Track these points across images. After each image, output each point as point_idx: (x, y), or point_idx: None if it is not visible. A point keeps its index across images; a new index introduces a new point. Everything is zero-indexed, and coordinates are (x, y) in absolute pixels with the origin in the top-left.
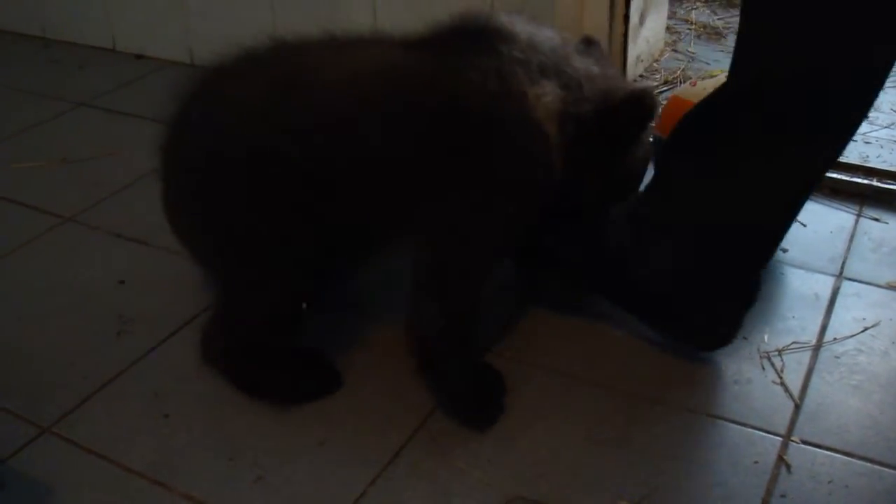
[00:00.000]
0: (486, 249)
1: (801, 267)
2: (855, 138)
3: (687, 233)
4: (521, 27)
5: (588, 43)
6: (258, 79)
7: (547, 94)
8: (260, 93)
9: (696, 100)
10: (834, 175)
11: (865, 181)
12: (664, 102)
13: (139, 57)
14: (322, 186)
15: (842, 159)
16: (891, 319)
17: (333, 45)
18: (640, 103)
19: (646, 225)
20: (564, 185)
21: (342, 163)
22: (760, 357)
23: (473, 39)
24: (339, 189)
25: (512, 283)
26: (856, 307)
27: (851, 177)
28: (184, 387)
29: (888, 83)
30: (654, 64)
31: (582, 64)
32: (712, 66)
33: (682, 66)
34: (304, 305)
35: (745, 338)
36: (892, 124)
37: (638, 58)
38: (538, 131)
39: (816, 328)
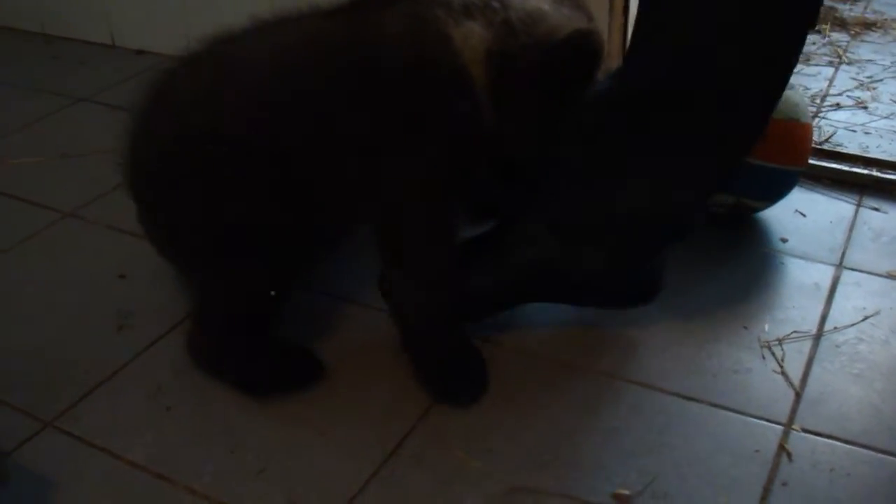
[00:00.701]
0: (434, 206)
1: (801, 257)
2: (854, 128)
3: (610, 231)
4: None
5: None
6: (196, 73)
7: (473, 35)
8: (198, 86)
9: None
10: (834, 165)
11: (865, 171)
12: None
13: (139, 52)
14: (269, 167)
15: (841, 149)
16: (891, 308)
17: (268, 27)
18: (581, 44)
19: (568, 233)
20: (506, 131)
21: (281, 139)
22: (761, 346)
23: None
24: (291, 163)
25: None
26: (856, 296)
27: (851, 167)
28: (185, 380)
29: (888, 74)
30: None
31: (526, 3)
32: None
33: None
34: (273, 293)
35: (745, 327)
36: (892, 114)
37: None
38: (462, 75)
39: (817, 317)
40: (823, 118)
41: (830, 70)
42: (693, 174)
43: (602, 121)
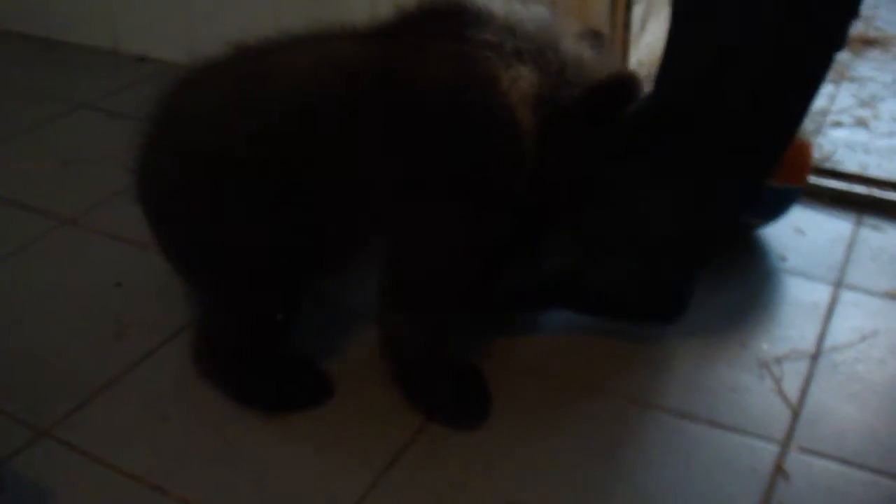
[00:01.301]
0: (453, 253)
1: (799, 275)
2: (854, 147)
3: (632, 248)
4: (501, 8)
5: (593, 35)
6: (213, 89)
7: (522, 78)
8: (219, 100)
9: None
10: (833, 184)
11: (864, 190)
12: None
13: (141, 59)
14: (287, 189)
15: (841, 168)
16: (889, 328)
17: (292, 45)
18: (622, 83)
19: (593, 245)
20: (547, 176)
21: (303, 163)
22: (759, 365)
23: (439, 24)
24: (305, 191)
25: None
26: (854, 316)
27: (851, 185)
28: (183, 390)
29: (888, 92)
30: (655, 69)
31: (571, 48)
32: None
33: None
34: (279, 317)
35: (743, 345)
36: (892, 133)
37: (639, 62)
38: (506, 118)
39: (815, 337)
40: (824, 136)
41: (831, 87)
42: (716, 196)
43: (629, 140)
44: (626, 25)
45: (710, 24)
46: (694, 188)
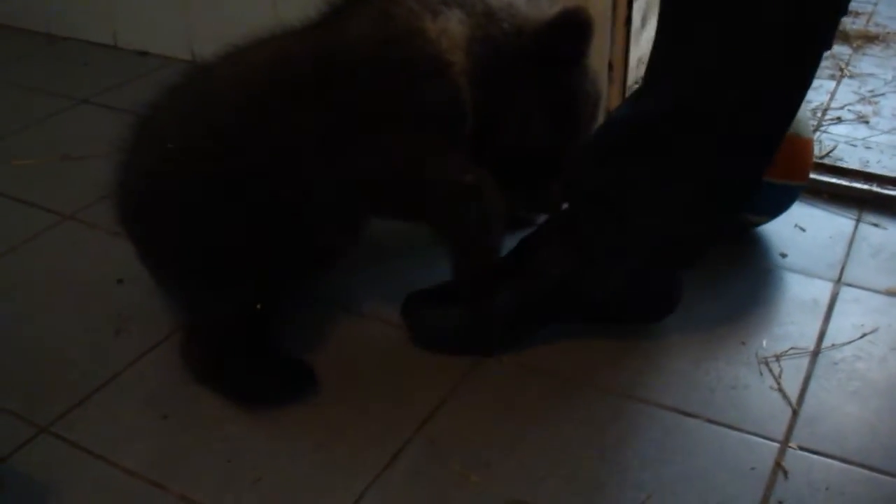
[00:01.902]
0: (435, 160)
1: (799, 272)
2: (855, 143)
3: (631, 252)
4: None
5: None
6: (173, 101)
7: (451, 23)
8: (176, 111)
9: None
10: (833, 180)
11: (865, 186)
12: None
13: (142, 54)
14: (245, 186)
15: (841, 164)
16: (889, 326)
17: (238, 50)
18: (572, 20)
19: (593, 250)
20: (500, 119)
21: (255, 158)
22: (758, 362)
23: None
24: (264, 184)
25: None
26: (854, 313)
27: (851, 182)
28: (182, 387)
29: (889, 88)
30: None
31: None
32: None
33: None
34: (259, 306)
35: (743, 343)
36: (893, 129)
37: (639, 59)
38: (434, 65)
39: (815, 334)
40: (824, 132)
41: (832, 84)
42: (715, 195)
43: (623, 143)
44: (628, 20)
45: (709, 25)
46: (693, 189)
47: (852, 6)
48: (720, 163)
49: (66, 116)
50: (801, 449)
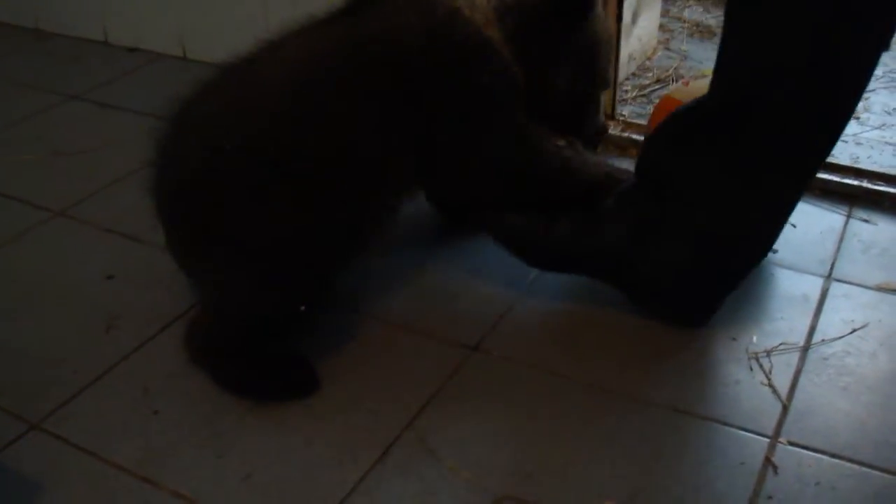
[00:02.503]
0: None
1: (790, 268)
2: (846, 139)
3: (684, 237)
4: None
5: None
6: (222, 94)
7: (478, 1)
8: (227, 106)
9: (688, 100)
10: (824, 176)
11: (855, 182)
12: (656, 101)
13: (132, 50)
14: (318, 175)
15: (832, 160)
16: (879, 321)
17: (276, 45)
18: None
19: (645, 222)
20: (537, 79)
21: (317, 149)
22: (749, 358)
23: None
24: (327, 175)
25: (501, 281)
26: (844, 308)
27: (842, 178)
28: (173, 383)
29: (880, 84)
30: (647, 62)
31: None
32: (705, 65)
33: (675, 65)
34: (302, 308)
35: (734, 338)
36: (883, 125)
37: (630, 56)
38: (481, 39)
39: (805, 329)
40: None
41: None
42: (765, 196)
43: (689, 133)
44: (618, 17)
45: (764, 25)
46: (742, 186)
47: None
48: (771, 161)
49: (56, 112)
50: (791, 444)
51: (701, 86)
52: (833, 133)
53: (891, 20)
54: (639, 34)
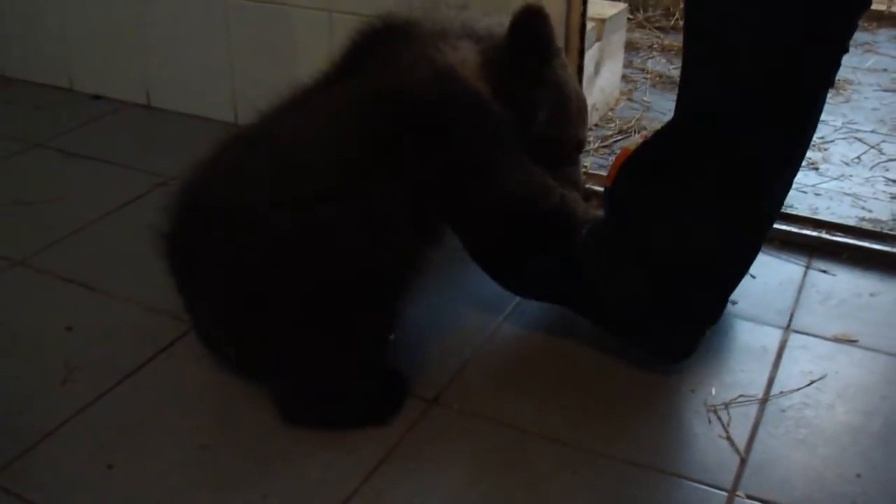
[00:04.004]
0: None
1: (749, 319)
2: (805, 190)
3: (641, 264)
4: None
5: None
6: (249, 157)
7: (468, 57)
8: (258, 169)
9: None
10: (783, 227)
11: (814, 233)
12: (617, 153)
13: (97, 97)
14: (363, 230)
15: (791, 211)
16: (837, 372)
17: (293, 104)
18: (531, 10)
19: (611, 253)
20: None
21: (363, 196)
22: (708, 410)
23: (389, 40)
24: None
25: (460, 333)
26: (803, 360)
27: (800, 229)
28: (129, 437)
29: (838, 135)
30: (610, 113)
31: (471, 16)
32: (668, 116)
33: (637, 116)
34: (393, 336)
35: (692, 391)
36: (842, 176)
37: (593, 107)
38: (475, 94)
39: (764, 381)
40: None
41: None
42: (729, 217)
43: (647, 156)
44: (580, 69)
45: (723, 50)
46: (706, 209)
47: None
48: (732, 185)
49: (18, 160)
50: (749, 497)
51: None
52: (789, 158)
53: (832, 59)
54: (601, 85)
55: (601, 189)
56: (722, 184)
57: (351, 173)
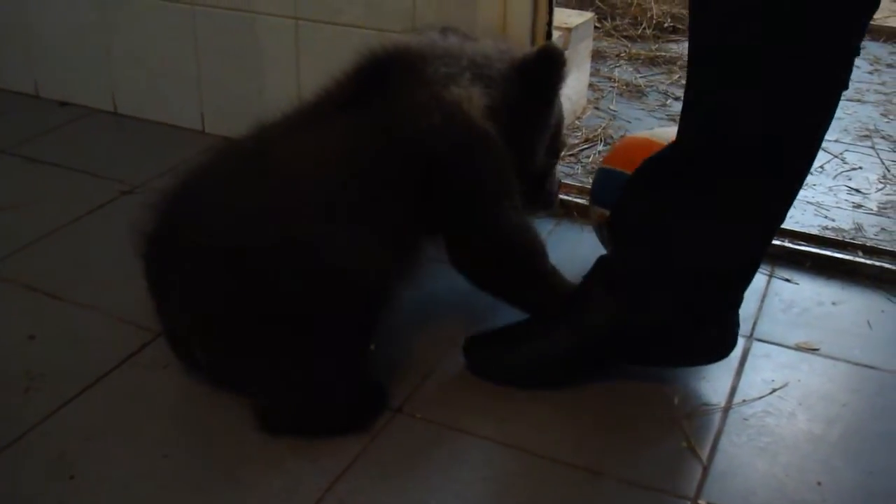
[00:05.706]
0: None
1: None
2: None
3: (672, 283)
4: (419, 42)
5: (452, 31)
6: (240, 184)
7: (474, 96)
8: (250, 196)
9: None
10: None
11: (777, 242)
12: (585, 161)
13: (63, 104)
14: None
15: None
16: (798, 381)
17: (290, 129)
18: (552, 55)
19: (634, 285)
20: (518, 150)
21: (367, 232)
22: (671, 420)
23: (396, 72)
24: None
25: (426, 342)
26: (765, 368)
27: None
28: (91, 447)
29: None
30: (576, 121)
31: (476, 49)
32: (634, 125)
33: (604, 124)
34: (372, 347)
35: (656, 400)
36: (805, 185)
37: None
38: (481, 130)
39: (726, 390)
40: None
41: None
42: (740, 231)
43: (657, 179)
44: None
45: (725, 69)
46: (717, 226)
47: None
48: (741, 199)
49: None
50: None
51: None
52: (800, 164)
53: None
54: (568, 94)
55: (568, 198)
56: (730, 203)
57: (348, 200)
